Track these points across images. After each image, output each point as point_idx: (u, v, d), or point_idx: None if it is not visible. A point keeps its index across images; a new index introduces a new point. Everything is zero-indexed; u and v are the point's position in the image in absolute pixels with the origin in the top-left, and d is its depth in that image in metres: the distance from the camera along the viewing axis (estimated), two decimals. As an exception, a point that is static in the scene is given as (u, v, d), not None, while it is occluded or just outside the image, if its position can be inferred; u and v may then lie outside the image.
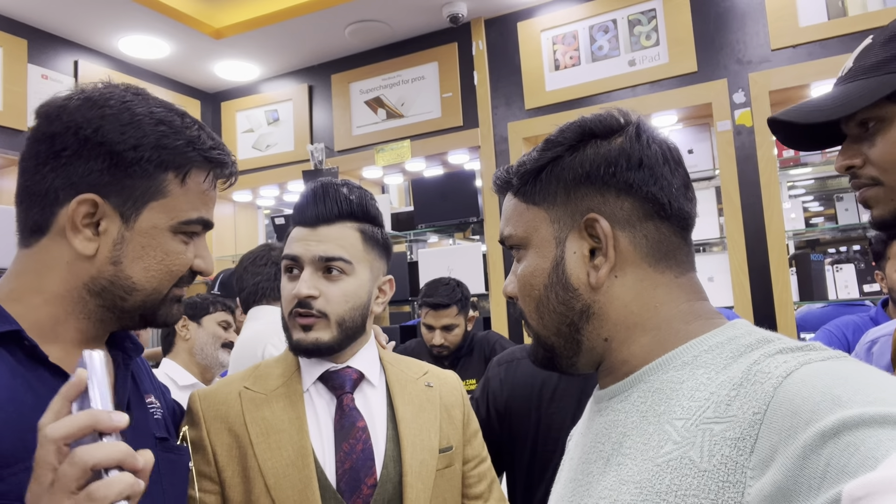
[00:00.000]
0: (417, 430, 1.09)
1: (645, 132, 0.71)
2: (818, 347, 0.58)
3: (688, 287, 0.70)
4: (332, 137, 3.86)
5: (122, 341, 0.89)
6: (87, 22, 3.26)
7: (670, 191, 0.69)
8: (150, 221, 0.80)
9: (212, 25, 3.46)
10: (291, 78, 4.04)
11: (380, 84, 3.75)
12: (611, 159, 0.69)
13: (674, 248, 0.70)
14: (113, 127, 0.77)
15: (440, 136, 3.54)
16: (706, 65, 3.00)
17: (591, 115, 0.73)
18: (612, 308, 0.69)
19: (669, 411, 0.61)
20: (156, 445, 0.85)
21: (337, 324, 1.08)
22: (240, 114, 4.19)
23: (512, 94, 3.42)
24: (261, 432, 1.04)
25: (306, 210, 1.11)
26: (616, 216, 0.68)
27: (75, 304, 0.79)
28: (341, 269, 1.08)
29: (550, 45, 3.33)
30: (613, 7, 3.20)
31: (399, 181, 4.28)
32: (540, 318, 0.73)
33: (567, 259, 0.70)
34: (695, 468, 0.55)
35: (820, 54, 2.79)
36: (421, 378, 1.18)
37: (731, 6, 2.98)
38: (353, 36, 3.58)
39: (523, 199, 0.74)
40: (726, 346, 0.63)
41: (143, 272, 0.80)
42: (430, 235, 4.09)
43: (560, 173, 0.71)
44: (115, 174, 0.77)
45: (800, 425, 0.49)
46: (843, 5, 2.77)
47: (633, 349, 0.68)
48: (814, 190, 4.63)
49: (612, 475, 0.64)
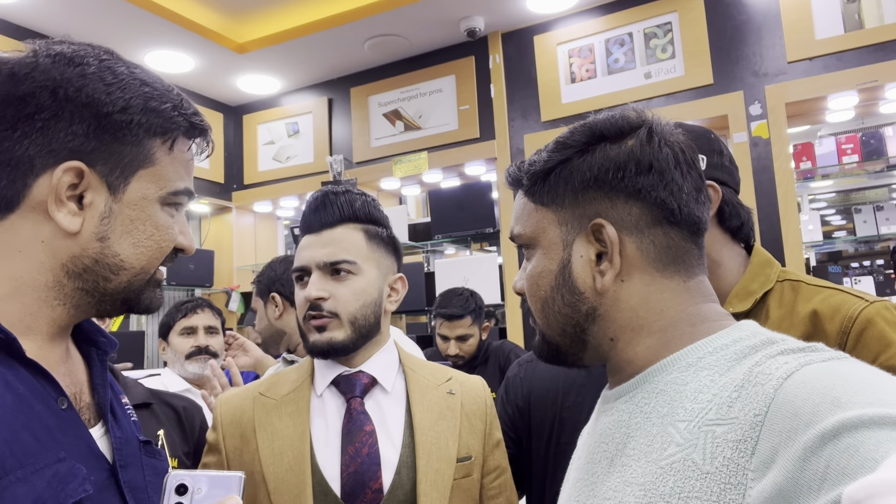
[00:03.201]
0: (434, 438, 1.08)
1: (657, 134, 0.69)
2: (820, 349, 0.57)
3: (696, 290, 0.69)
4: (350, 149, 3.92)
5: (92, 335, 0.79)
6: (114, 38, 3.37)
7: (680, 196, 0.68)
8: (139, 192, 0.72)
9: (235, 40, 3.54)
10: (312, 91, 4.11)
11: (398, 97, 3.80)
12: (619, 164, 0.68)
13: (683, 253, 0.69)
14: (97, 86, 0.69)
15: (457, 147, 3.59)
16: (722, 77, 3.01)
17: (602, 115, 0.72)
18: (617, 311, 0.68)
19: (673, 413, 0.61)
20: (140, 450, 0.77)
21: (350, 322, 1.09)
22: (261, 126, 4.27)
23: (528, 107, 3.45)
24: (267, 437, 1.06)
25: (310, 218, 1.14)
26: (623, 221, 0.68)
27: (50, 290, 0.69)
28: (347, 269, 1.10)
29: (566, 58, 3.36)
30: (629, 20, 3.22)
31: (416, 192, 4.32)
32: (545, 318, 0.73)
33: (574, 262, 0.70)
34: (697, 470, 0.55)
35: (836, 67, 2.79)
36: (444, 385, 1.16)
37: (748, 19, 2.99)
38: (372, 50, 3.64)
39: (532, 199, 0.74)
40: (731, 347, 0.62)
41: (132, 248, 0.72)
42: (448, 246, 4.12)
43: (568, 176, 0.70)
44: (101, 138, 0.69)
45: (800, 427, 0.49)
46: (859, 18, 2.77)
47: (639, 350, 0.68)
48: (835, 203, 4.59)
49: (616, 476, 0.64)
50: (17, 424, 0.60)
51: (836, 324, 0.95)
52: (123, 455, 0.73)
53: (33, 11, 3.07)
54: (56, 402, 0.67)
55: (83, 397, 0.74)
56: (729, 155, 1.11)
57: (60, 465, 0.63)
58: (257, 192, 4.20)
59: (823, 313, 0.97)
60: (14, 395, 0.62)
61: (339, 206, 1.13)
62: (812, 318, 0.98)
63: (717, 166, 1.07)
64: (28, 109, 0.67)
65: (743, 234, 1.10)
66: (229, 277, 4.11)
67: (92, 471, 0.66)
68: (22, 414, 0.61)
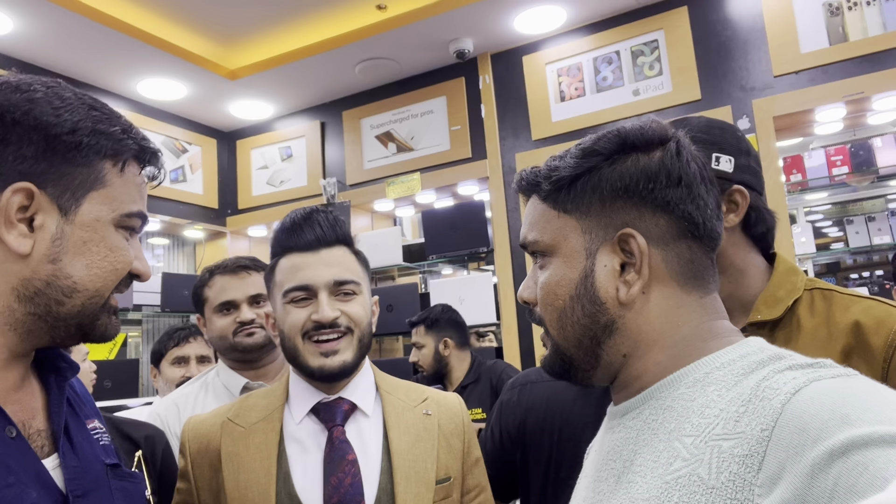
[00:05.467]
0: (412, 462, 1.06)
1: (685, 149, 0.69)
2: (828, 364, 0.57)
3: (710, 307, 0.69)
4: (343, 172, 3.93)
5: (54, 360, 0.78)
6: (107, 66, 3.40)
7: (706, 211, 0.68)
8: (92, 213, 0.71)
9: (227, 67, 3.57)
10: (304, 115, 4.14)
11: (390, 119, 3.83)
12: (650, 175, 0.67)
13: (702, 269, 0.68)
14: (45, 109, 0.69)
15: (449, 168, 3.60)
16: (710, 92, 3.04)
17: (630, 125, 0.71)
18: (636, 325, 0.67)
19: (679, 428, 0.60)
20: (106, 473, 0.76)
21: (359, 340, 1.08)
22: (255, 151, 4.29)
23: (519, 126, 3.47)
24: (233, 469, 1.03)
25: (303, 235, 1.09)
26: (651, 233, 0.67)
27: (0, 315, 0.68)
28: (353, 290, 1.09)
29: (556, 77, 3.39)
30: (616, 39, 3.26)
31: (410, 213, 4.33)
32: (561, 329, 0.71)
33: (597, 272, 0.68)
34: (703, 485, 0.54)
35: (822, 79, 2.82)
36: (420, 405, 1.14)
37: (733, 35, 3.02)
38: (363, 73, 3.67)
39: (553, 205, 0.72)
40: (738, 363, 0.62)
41: (86, 270, 0.71)
42: (444, 267, 4.12)
43: (597, 184, 0.69)
44: (51, 160, 0.69)
45: (808, 443, 0.48)
46: (843, 31, 2.80)
47: (648, 365, 0.67)
48: (829, 215, 4.60)
49: (622, 493, 0.63)
50: None
51: (881, 337, 0.90)
52: (80, 485, 0.71)
53: (25, 42, 3.10)
54: (3, 430, 0.66)
55: (36, 424, 0.72)
56: (756, 155, 1.05)
57: (8, 491, 0.62)
58: (252, 216, 4.21)
59: (867, 325, 0.92)
60: None
61: (331, 226, 1.11)
62: (854, 330, 0.93)
63: (745, 168, 1.01)
64: None
65: (766, 241, 1.04)
66: (224, 302, 4.10)
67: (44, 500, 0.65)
68: None
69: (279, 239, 1.12)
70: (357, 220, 3.95)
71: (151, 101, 3.81)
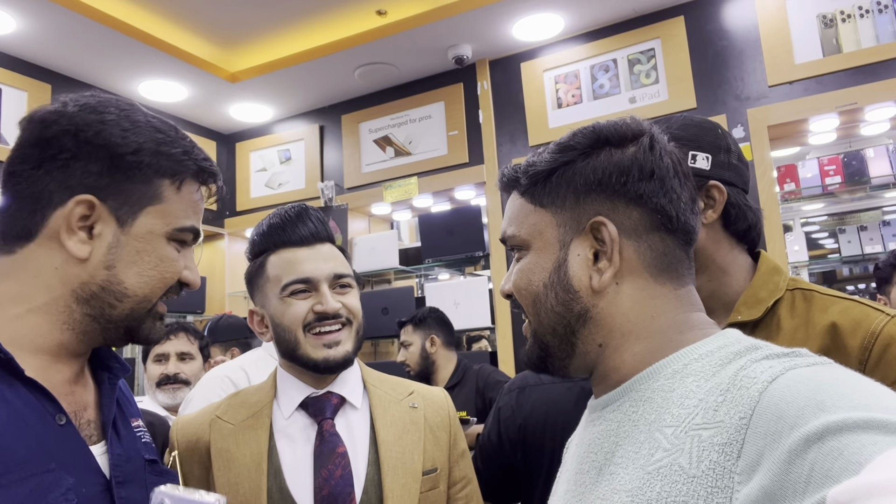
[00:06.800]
0: (399, 454, 1.07)
1: (658, 143, 0.70)
2: (804, 354, 0.58)
3: (686, 299, 0.69)
4: (341, 175, 3.95)
5: (107, 360, 0.86)
6: (109, 67, 3.42)
7: (679, 204, 0.69)
8: (146, 226, 0.78)
9: (227, 70, 3.60)
10: (303, 119, 4.17)
11: (388, 123, 3.85)
12: (623, 168, 0.68)
13: (676, 261, 0.69)
14: (114, 131, 0.76)
15: (447, 172, 3.62)
16: (705, 101, 3.06)
17: (605, 121, 0.72)
18: (609, 314, 0.68)
19: (660, 419, 0.61)
20: (146, 468, 0.83)
21: (356, 332, 1.10)
22: (254, 154, 4.31)
23: (516, 132, 3.50)
24: (223, 466, 1.04)
25: (297, 230, 1.11)
26: (623, 225, 0.68)
27: (60, 314, 0.75)
28: (349, 283, 1.12)
29: (553, 84, 3.42)
30: (613, 47, 3.29)
31: (407, 217, 4.35)
32: (536, 315, 0.72)
33: (570, 261, 0.69)
34: (684, 475, 0.55)
35: (816, 90, 2.85)
36: (406, 399, 1.16)
37: (729, 45, 3.05)
38: (363, 78, 3.70)
39: (530, 199, 0.73)
40: (715, 353, 0.63)
41: (137, 277, 0.78)
42: (441, 271, 4.13)
43: (571, 178, 0.70)
44: (114, 176, 0.76)
45: (785, 430, 0.49)
46: (837, 42, 2.83)
47: (626, 357, 0.68)
48: (824, 224, 4.63)
49: (604, 485, 0.64)
50: (9, 436, 0.65)
51: (857, 339, 0.90)
52: (123, 471, 0.77)
53: (28, 41, 3.13)
54: (54, 418, 0.71)
55: (87, 416, 0.79)
56: (738, 152, 1.04)
57: (46, 476, 0.67)
58: (250, 218, 4.23)
59: (843, 327, 0.92)
60: (9, 409, 0.67)
61: (322, 223, 1.13)
62: (831, 331, 0.93)
63: (724, 165, 1.01)
64: (52, 150, 0.75)
65: (750, 238, 1.04)
66: (221, 304, 4.11)
67: (86, 484, 0.71)
68: (15, 427, 0.66)
69: (269, 235, 1.13)
70: (354, 223, 3.97)
71: (152, 103, 3.84)
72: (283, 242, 1.12)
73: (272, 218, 1.15)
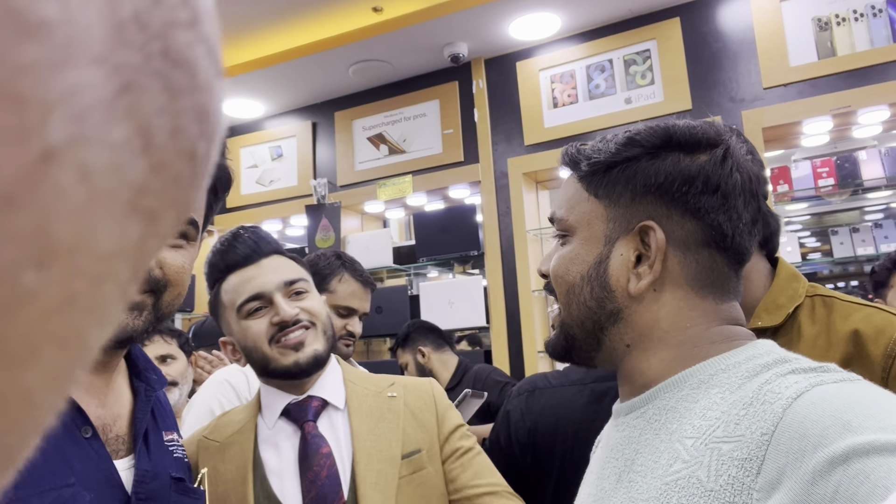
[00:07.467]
0: (374, 441, 1.08)
1: (732, 157, 0.67)
2: (832, 369, 0.56)
3: (727, 312, 0.67)
4: (334, 173, 3.92)
5: (146, 371, 0.87)
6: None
7: (737, 224, 0.66)
8: None
9: (219, 65, 3.55)
10: (296, 115, 4.13)
11: (382, 121, 3.83)
12: (688, 177, 0.66)
13: (722, 278, 0.67)
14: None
15: (441, 171, 3.61)
16: (700, 103, 3.08)
17: (682, 122, 0.69)
18: (642, 318, 0.67)
19: (681, 430, 0.60)
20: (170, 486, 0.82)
21: (323, 332, 1.11)
22: (244, 150, 4.26)
23: (511, 131, 3.49)
24: (211, 483, 1.06)
25: (237, 251, 1.13)
26: (674, 235, 0.66)
27: None
28: (304, 288, 1.13)
29: (549, 83, 3.42)
30: (609, 48, 3.29)
31: (400, 216, 4.33)
32: (568, 305, 0.71)
33: (612, 259, 0.68)
34: (702, 488, 0.54)
35: (810, 93, 2.87)
36: (385, 390, 1.16)
37: (724, 47, 3.07)
38: (357, 75, 3.67)
39: (586, 187, 0.71)
40: (743, 365, 0.61)
41: None
42: (431, 270, 4.12)
43: (632, 176, 0.68)
44: None
45: (808, 449, 0.48)
46: (832, 46, 2.86)
47: (652, 361, 0.67)
48: (810, 225, 4.68)
49: (622, 493, 0.63)
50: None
51: (880, 346, 0.90)
52: (146, 489, 0.76)
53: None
54: (80, 430, 0.70)
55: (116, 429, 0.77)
56: (759, 160, 1.04)
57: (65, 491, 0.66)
58: (240, 215, 4.18)
59: (866, 334, 0.91)
60: None
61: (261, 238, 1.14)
62: (853, 338, 0.92)
63: None
64: None
65: (771, 245, 1.04)
66: (211, 302, 4.07)
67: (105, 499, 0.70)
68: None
69: (216, 264, 1.16)
70: (347, 221, 3.94)
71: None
72: (228, 268, 1.14)
73: (214, 248, 1.17)
